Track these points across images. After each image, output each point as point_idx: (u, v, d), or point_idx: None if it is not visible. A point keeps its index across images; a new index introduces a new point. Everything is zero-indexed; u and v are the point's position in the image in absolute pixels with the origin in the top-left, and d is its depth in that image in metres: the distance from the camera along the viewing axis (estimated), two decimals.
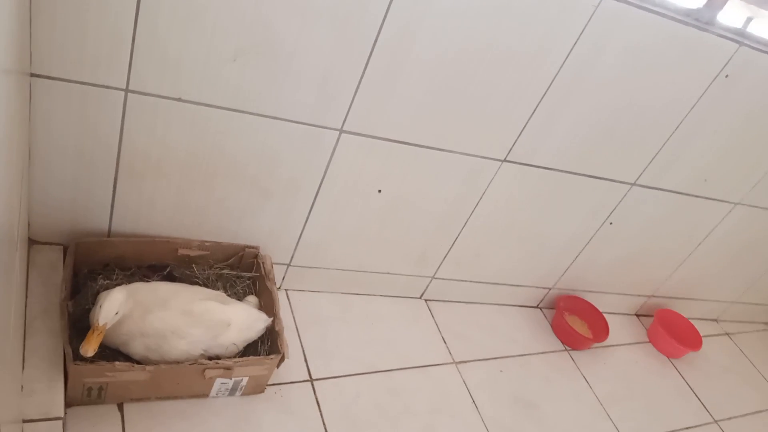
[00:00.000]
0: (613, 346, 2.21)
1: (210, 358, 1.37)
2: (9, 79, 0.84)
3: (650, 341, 2.34)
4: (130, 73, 1.21)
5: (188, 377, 1.34)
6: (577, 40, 1.44)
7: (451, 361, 1.84)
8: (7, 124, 0.83)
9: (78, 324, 1.31)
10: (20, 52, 0.99)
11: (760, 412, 2.25)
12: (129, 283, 1.40)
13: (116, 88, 1.23)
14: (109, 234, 1.49)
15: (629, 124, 1.68)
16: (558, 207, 1.85)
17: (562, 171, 1.74)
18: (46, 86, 1.19)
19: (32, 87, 1.18)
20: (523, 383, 1.87)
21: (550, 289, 2.17)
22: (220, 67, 1.26)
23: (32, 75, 1.17)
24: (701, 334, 2.35)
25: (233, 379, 1.39)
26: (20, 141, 1.08)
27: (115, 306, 1.22)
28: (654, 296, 2.39)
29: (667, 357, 2.30)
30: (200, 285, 1.54)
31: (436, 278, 1.95)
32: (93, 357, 1.29)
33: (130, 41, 1.17)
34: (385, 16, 1.28)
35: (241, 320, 1.42)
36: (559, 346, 2.10)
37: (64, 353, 1.23)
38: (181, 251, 1.53)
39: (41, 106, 1.22)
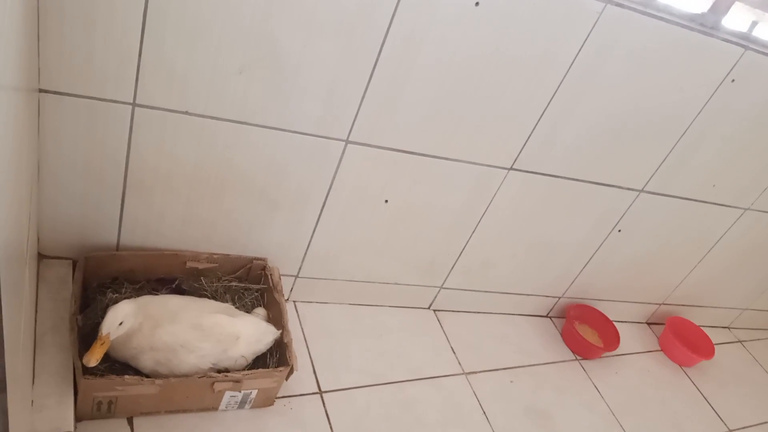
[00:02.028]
0: (624, 355, 2.19)
1: (219, 371, 1.36)
2: (18, 96, 0.85)
3: (662, 350, 2.32)
4: (137, 88, 1.22)
5: (197, 390, 1.33)
6: (582, 47, 1.44)
7: (461, 371, 1.83)
8: (16, 139, 0.83)
9: (88, 338, 1.31)
10: (29, 69, 1.00)
11: None
12: (138, 296, 1.40)
13: (124, 103, 1.24)
14: (117, 248, 1.49)
15: (636, 131, 1.67)
16: (566, 215, 1.85)
17: (569, 178, 1.74)
18: (54, 101, 1.20)
19: (41, 102, 1.19)
20: (534, 393, 1.86)
21: (559, 297, 2.15)
22: (227, 80, 1.26)
23: (41, 90, 1.18)
24: (713, 342, 2.33)
25: (242, 392, 1.38)
26: (29, 156, 1.09)
27: (119, 316, 1.22)
28: (665, 304, 2.37)
29: (680, 365, 2.28)
30: (209, 297, 1.54)
31: (444, 288, 1.95)
32: (103, 371, 1.30)
33: (137, 56, 1.18)
34: (388, 28, 1.28)
35: (250, 333, 1.42)
36: (570, 355, 2.08)
37: (74, 367, 1.23)
38: (190, 264, 1.54)
39: (50, 122, 1.23)
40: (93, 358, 1.18)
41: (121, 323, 1.23)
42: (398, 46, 1.32)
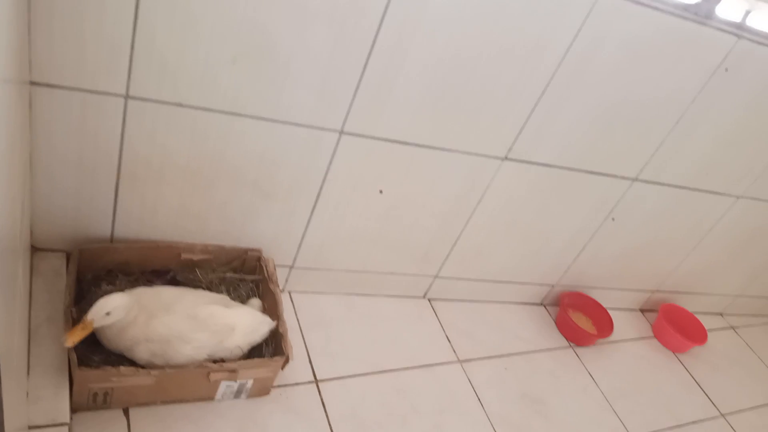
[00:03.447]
0: (617, 341, 2.21)
1: (215, 361, 1.37)
2: (9, 88, 0.84)
3: (655, 336, 2.34)
4: (129, 80, 1.22)
5: (193, 381, 1.34)
6: (576, 36, 1.44)
7: (456, 359, 1.84)
8: (8, 132, 0.83)
9: None
10: (20, 61, 0.99)
11: (767, 405, 2.25)
12: (133, 288, 1.40)
13: (116, 95, 1.23)
14: (112, 240, 1.49)
15: (629, 119, 1.67)
16: (560, 204, 1.85)
17: (563, 168, 1.74)
18: (46, 94, 1.19)
19: (32, 95, 1.19)
20: (528, 380, 1.87)
21: (553, 286, 2.17)
22: (219, 71, 1.26)
23: (32, 83, 1.17)
24: (706, 328, 2.35)
25: (238, 381, 1.39)
26: (21, 148, 1.08)
27: (107, 306, 1.22)
28: (658, 291, 2.39)
29: (673, 351, 2.30)
30: (204, 289, 1.55)
31: (439, 277, 1.95)
32: (98, 362, 1.30)
33: (129, 47, 1.18)
34: (382, 17, 1.28)
35: (246, 324, 1.43)
36: (564, 342, 2.09)
37: (69, 359, 1.23)
38: (184, 255, 1.54)
39: (42, 114, 1.22)
40: (70, 339, 1.18)
41: (108, 313, 1.22)
42: (392, 35, 1.31)
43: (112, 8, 1.12)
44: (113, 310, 1.23)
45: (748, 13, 1.56)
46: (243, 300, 1.58)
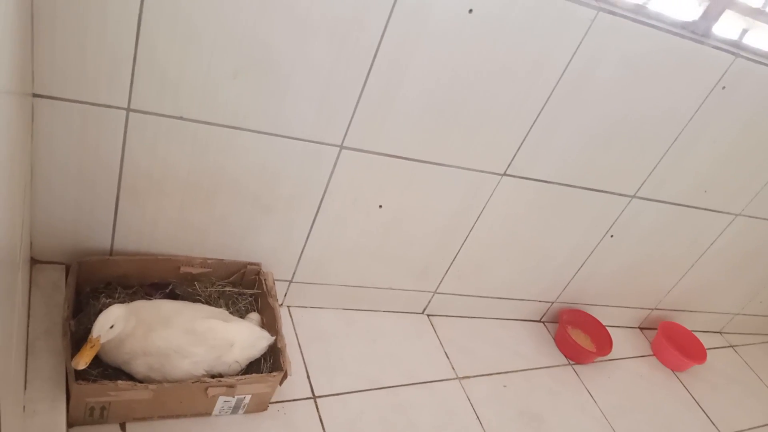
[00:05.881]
0: (616, 359, 2.20)
1: (213, 376, 1.36)
2: (11, 100, 0.85)
3: (654, 354, 2.33)
4: (131, 93, 1.22)
5: (191, 395, 1.33)
6: (574, 53, 1.45)
7: (455, 376, 1.83)
8: (9, 144, 0.83)
9: (81, 343, 1.30)
10: (22, 73, 1.00)
11: (767, 425, 2.23)
12: (131, 301, 1.40)
13: (118, 107, 1.24)
14: (111, 252, 1.49)
15: (628, 137, 1.68)
16: (559, 220, 1.86)
17: (561, 184, 1.74)
18: (48, 106, 1.20)
19: (34, 107, 1.19)
20: (527, 398, 1.86)
21: (552, 302, 2.16)
22: (220, 85, 1.27)
23: (34, 95, 1.18)
24: (705, 347, 2.34)
25: (236, 397, 1.38)
26: (22, 160, 1.09)
27: (110, 320, 1.22)
28: (657, 309, 2.38)
29: (672, 370, 2.29)
30: (202, 303, 1.54)
31: (438, 293, 1.95)
32: (95, 376, 1.29)
33: (131, 61, 1.18)
34: (383, 33, 1.29)
35: (244, 338, 1.42)
36: (563, 360, 2.09)
37: (67, 373, 1.22)
38: (184, 269, 1.53)
39: (43, 126, 1.22)
40: (82, 361, 1.17)
41: (111, 326, 1.22)
42: (392, 51, 1.32)
43: (114, 21, 1.13)
44: (116, 321, 1.23)
45: (745, 31, 1.58)
46: (242, 314, 1.58)
